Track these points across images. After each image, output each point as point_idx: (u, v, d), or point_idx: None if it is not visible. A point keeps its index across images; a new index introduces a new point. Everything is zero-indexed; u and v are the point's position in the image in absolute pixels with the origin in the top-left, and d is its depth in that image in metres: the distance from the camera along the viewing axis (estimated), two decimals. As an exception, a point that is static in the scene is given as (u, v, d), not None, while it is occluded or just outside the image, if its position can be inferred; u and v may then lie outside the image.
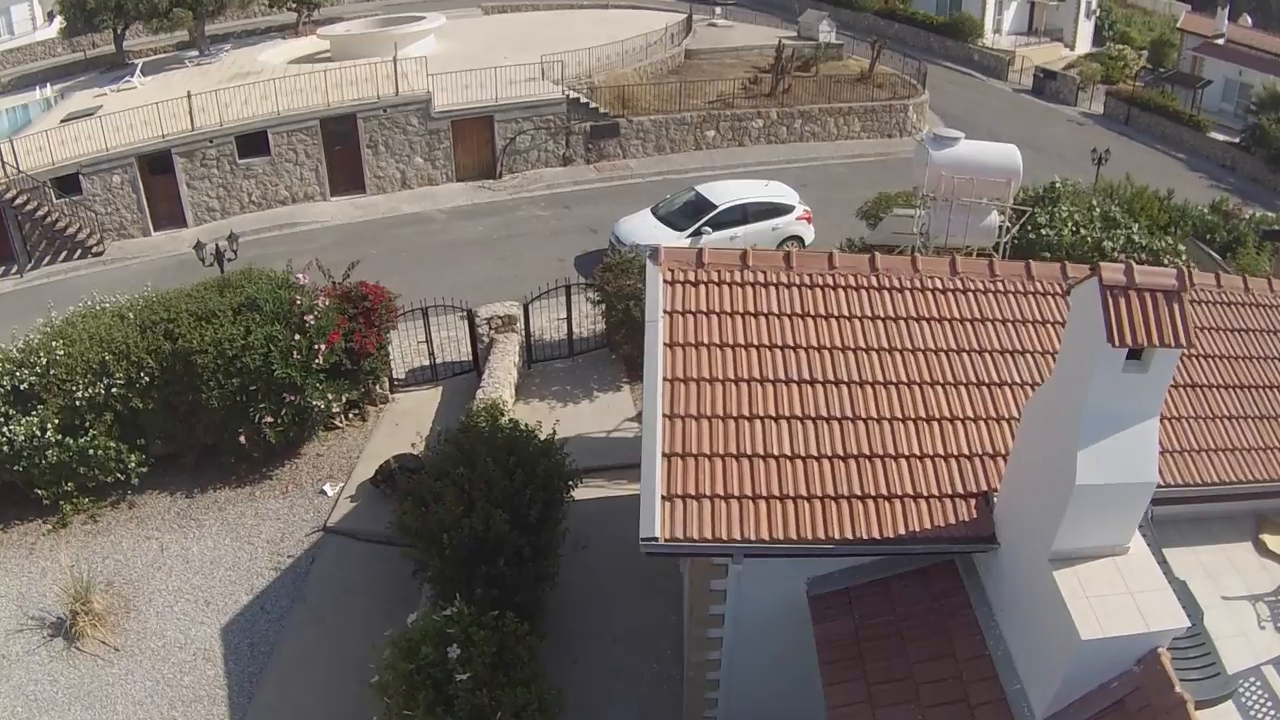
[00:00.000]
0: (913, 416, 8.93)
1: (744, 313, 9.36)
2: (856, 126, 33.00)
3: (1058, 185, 19.70)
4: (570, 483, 13.09)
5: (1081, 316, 6.88)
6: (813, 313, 9.50)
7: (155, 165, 25.45)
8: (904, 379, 9.18)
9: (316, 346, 14.51)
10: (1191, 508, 9.50)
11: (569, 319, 18.06)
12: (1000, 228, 14.98)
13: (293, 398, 14.63)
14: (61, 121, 27.24)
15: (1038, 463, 7.62)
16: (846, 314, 9.56)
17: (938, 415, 8.99)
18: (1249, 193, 33.74)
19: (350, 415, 16.60)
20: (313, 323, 14.48)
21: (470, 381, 17.47)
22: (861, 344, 9.38)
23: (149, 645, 13.09)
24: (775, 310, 9.43)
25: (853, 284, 9.81)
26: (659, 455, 8.25)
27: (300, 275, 15.14)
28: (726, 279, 9.59)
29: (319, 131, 26.50)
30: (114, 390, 14.48)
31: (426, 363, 17.88)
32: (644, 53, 34.86)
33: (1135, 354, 6.74)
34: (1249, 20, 54.56)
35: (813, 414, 8.74)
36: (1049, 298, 10.20)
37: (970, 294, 10.05)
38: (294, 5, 40.25)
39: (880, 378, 9.13)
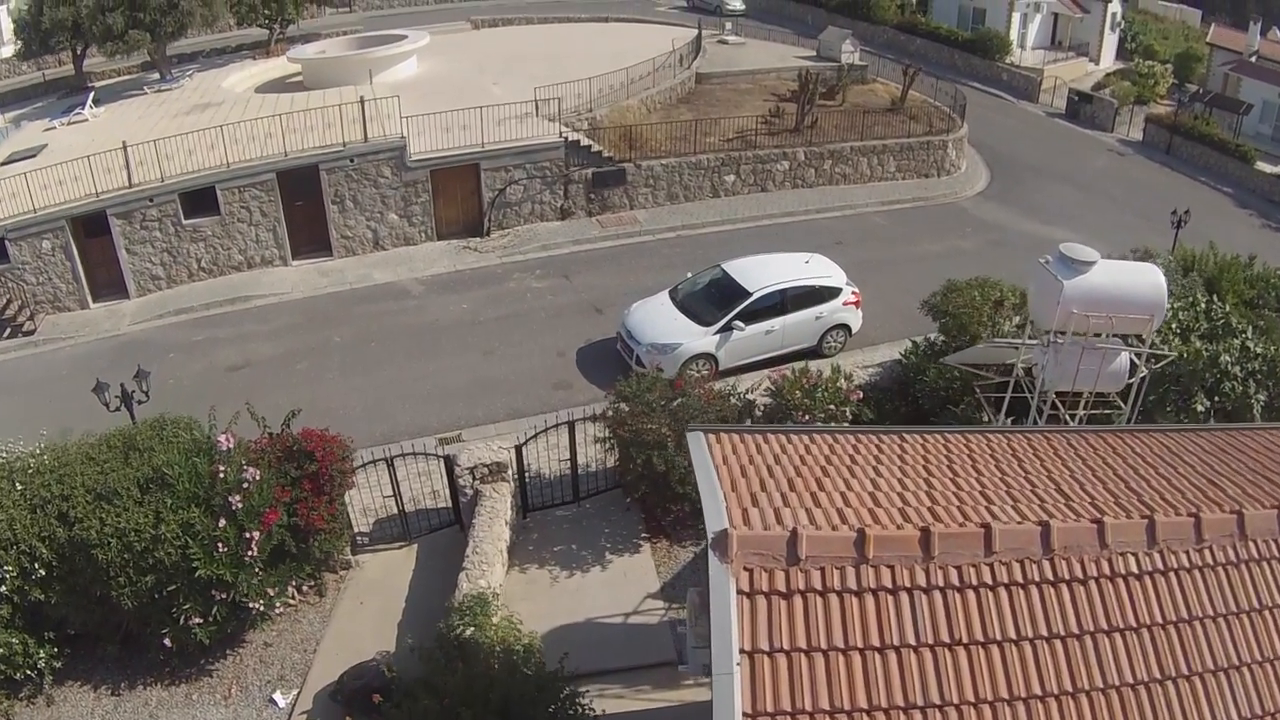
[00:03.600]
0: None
1: (865, 647, 6.05)
2: (891, 166, 29.49)
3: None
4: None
5: None
6: (966, 638, 6.18)
7: (90, 228, 21.80)
8: (1102, 749, 5.93)
9: (248, 535, 11.11)
10: None
11: (573, 457, 14.54)
12: (1133, 369, 11.72)
13: (224, 595, 11.28)
14: (1, 164, 23.80)
15: None
16: (1014, 635, 6.22)
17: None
18: (1300, 234, 30.77)
19: (305, 589, 13.20)
20: (240, 505, 11.05)
21: (450, 538, 14.02)
22: (1036, 689, 6.02)
23: None
24: (913, 638, 6.09)
25: (1019, 579, 6.49)
26: None
27: (223, 437, 11.56)
28: (835, 585, 6.23)
29: (276, 186, 22.70)
30: (3, 585, 11.22)
31: (396, 511, 14.35)
32: (650, 79, 31.30)
33: None
34: (1278, 34, 51.58)
35: None
36: (1265, 564, 6.99)
37: (1173, 574, 6.78)
38: (265, 22, 36.63)
39: (1072, 753, 5.88)
